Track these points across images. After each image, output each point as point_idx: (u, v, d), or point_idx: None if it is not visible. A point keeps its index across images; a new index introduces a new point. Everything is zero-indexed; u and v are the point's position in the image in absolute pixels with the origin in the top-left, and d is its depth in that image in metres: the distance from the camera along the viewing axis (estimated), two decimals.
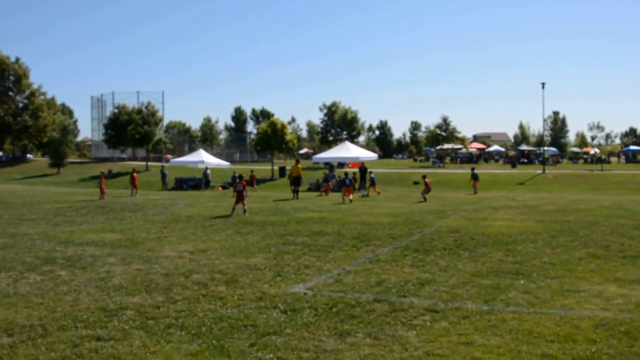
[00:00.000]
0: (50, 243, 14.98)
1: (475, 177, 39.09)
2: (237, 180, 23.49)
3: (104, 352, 6.60)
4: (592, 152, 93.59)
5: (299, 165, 34.26)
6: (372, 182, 36.86)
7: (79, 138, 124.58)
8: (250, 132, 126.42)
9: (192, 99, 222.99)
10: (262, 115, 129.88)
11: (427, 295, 9.22)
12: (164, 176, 52.94)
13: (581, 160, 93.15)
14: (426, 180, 31.69)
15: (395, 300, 8.88)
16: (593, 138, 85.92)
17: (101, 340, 7.00)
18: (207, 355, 6.51)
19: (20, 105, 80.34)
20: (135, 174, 38.97)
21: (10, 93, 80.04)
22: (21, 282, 10.39)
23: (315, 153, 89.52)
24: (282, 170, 59.35)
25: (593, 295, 9.07)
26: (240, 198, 22.57)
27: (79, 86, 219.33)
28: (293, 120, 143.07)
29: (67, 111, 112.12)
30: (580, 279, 10.20)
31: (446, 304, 8.60)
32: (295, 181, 33.51)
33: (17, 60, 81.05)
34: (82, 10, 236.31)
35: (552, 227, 17.26)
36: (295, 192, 33.13)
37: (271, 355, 6.48)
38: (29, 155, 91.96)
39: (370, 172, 38.66)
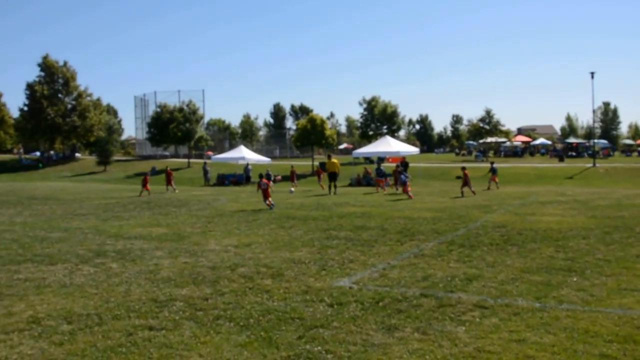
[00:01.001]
0: (100, 237, 15.31)
1: (494, 171, 36.93)
2: (260, 179, 23.86)
3: (156, 341, 6.72)
4: None
5: (334, 160, 33.71)
6: (383, 175, 36.46)
7: (124, 137, 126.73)
8: (290, 128, 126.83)
9: (232, 97, 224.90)
10: (301, 111, 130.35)
11: (475, 290, 9.09)
12: (206, 172, 53.48)
13: (635, 153, 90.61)
14: (465, 172, 29.70)
15: (442, 295, 8.78)
16: None
17: (153, 329, 7.14)
18: (256, 346, 6.55)
19: (69, 106, 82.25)
20: (170, 172, 39.17)
21: (60, 95, 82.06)
22: (76, 273, 10.67)
23: (354, 148, 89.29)
24: (322, 166, 59.35)
25: None
26: (265, 195, 23.14)
27: (123, 87, 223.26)
28: (332, 115, 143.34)
29: (112, 111, 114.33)
30: (639, 277, 9.87)
31: (495, 300, 8.45)
32: (331, 177, 33.09)
33: (65, 63, 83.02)
34: (127, 19, 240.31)
35: (605, 222, 16.78)
36: (334, 186, 32.70)
37: (319, 347, 6.47)
38: (77, 154, 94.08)
39: (379, 166, 38.16)
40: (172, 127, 69.76)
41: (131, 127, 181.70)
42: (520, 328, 7.11)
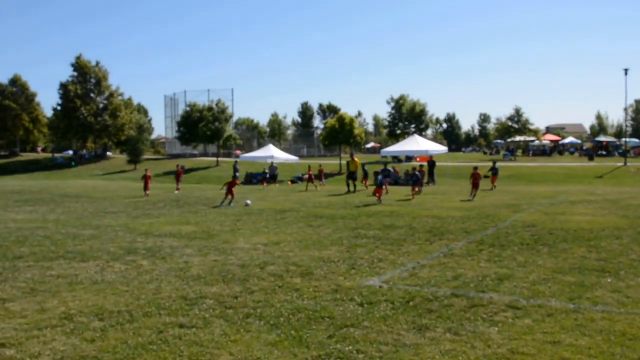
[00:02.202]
0: (131, 235, 15.46)
1: (495, 172, 35.43)
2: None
3: (187, 339, 6.74)
4: None
5: (356, 160, 33.64)
6: (365, 176, 35.78)
7: (154, 136, 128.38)
8: (317, 127, 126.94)
9: (261, 96, 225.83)
10: (329, 110, 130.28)
11: (507, 291, 8.97)
12: (236, 171, 53.74)
13: None
14: (477, 172, 27.64)
15: (474, 295, 8.69)
16: None
17: (184, 327, 7.17)
18: (286, 345, 6.53)
19: (101, 106, 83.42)
20: (181, 170, 38.50)
21: (92, 95, 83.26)
22: (107, 270, 10.78)
23: (382, 147, 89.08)
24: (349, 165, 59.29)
25: None
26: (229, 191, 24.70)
27: (153, 87, 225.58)
28: (360, 114, 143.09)
29: (142, 111, 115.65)
30: None
31: (528, 300, 8.34)
32: (351, 176, 32.90)
33: (97, 64, 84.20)
34: (158, 19, 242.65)
35: (638, 223, 16.46)
36: (353, 185, 32.44)
37: (350, 347, 6.44)
38: (108, 153, 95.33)
39: (364, 165, 37.47)
40: (202, 126, 70.27)
41: (161, 127, 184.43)
42: (554, 330, 6.99)
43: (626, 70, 59.24)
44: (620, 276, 9.89)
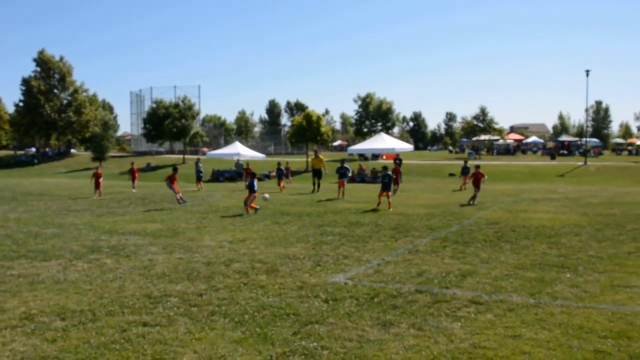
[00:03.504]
0: (95, 233, 15.26)
1: (465, 171, 34.50)
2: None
3: (150, 337, 6.69)
4: (638, 143, 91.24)
5: (321, 157, 32.69)
6: (280, 176, 35.00)
7: (119, 133, 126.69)
8: (285, 125, 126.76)
9: (227, 93, 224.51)
10: (297, 108, 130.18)
11: (469, 286, 9.11)
12: (198, 168, 53.36)
13: (625, 152, 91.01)
14: (478, 170, 24.44)
15: (437, 291, 8.79)
16: (639, 128, 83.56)
17: (147, 325, 7.11)
18: (251, 342, 6.53)
19: (65, 102, 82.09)
20: (135, 168, 37.02)
21: (56, 91, 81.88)
22: (70, 269, 10.61)
23: (349, 145, 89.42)
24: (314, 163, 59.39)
25: None
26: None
27: (119, 83, 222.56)
28: (327, 112, 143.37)
29: (107, 107, 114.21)
30: (631, 274, 9.91)
31: (490, 296, 8.48)
32: (316, 174, 31.99)
33: (61, 58, 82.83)
34: (123, 14, 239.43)
35: (596, 220, 16.90)
36: (317, 185, 31.63)
37: (315, 344, 6.46)
38: (72, 150, 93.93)
39: (278, 164, 37.44)
40: (168, 123, 69.61)
41: (127, 123, 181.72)
42: (515, 324, 7.13)
43: (587, 72, 60.51)
44: (579, 271, 10.13)
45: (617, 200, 23.79)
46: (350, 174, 29.32)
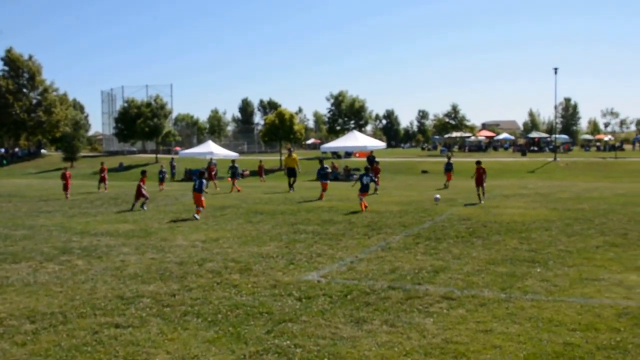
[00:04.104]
0: (66, 234, 15.08)
1: (449, 167, 33.82)
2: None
3: (122, 338, 6.65)
4: (605, 139, 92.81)
5: (294, 156, 32.02)
6: (234, 175, 34.02)
7: (91, 132, 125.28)
8: (258, 124, 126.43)
9: (200, 92, 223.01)
10: (270, 106, 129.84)
11: (442, 282, 9.20)
12: (172, 168, 53.07)
13: (593, 148, 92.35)
14: (480, 167, 23.06)
15: (410, 287, 8.86)
16: (606, 125, 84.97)
17: (119, 327, 7.06)
18: (224, 342, 6.53)
19: (34, 101, 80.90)
20: (105, 168, 35.36)
21: (25, 90, 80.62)
22: (40, 271, 10.49)
23: (322, 143, 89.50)
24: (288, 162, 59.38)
25: (613, 284, 8.98)
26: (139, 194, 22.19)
27: (89, 82, 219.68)
28: (300, 110, 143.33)
29: (78, 106, 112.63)
30: (599, 268, 10.11)
31: (462, 291, 8.57)
32: (290, 173, 31.29)
33: (31, 57, 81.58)
34: (94, 15, 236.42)
35: (566, 215, 17.16)
36: (292, 184, 30.78)
37: (288, 342, 6.48)
38: (43, 150, 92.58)
39: (232, 162, 35.89)
40: (140, 123, 68.98)
41: (98, 123, 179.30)
42: (486, 319, 7.22)
43: (555, 70, 61.36)
44: (549, 266, 10.29)
45: (585, 195, 24.16)
46: (329, 175, 28.16)
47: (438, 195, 22.04)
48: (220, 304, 8.03)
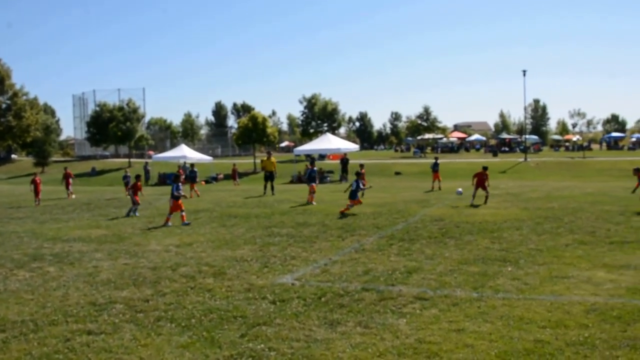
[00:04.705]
0: (37, 240, 14.89)
1: (436, 168, 32.69)
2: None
3: (95, 345, 6.60)
4: (574, 139, 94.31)
5: (273, 159, 31.10)
6: (192, 179, 31.98)
7: (62, 137, 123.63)
8: (231, 127, 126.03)
9: (173, 95, 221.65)
10: (243, 110, 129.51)
11: (415, 283, 9.28)
12: (147, 172, 52.68)
13: (562, 148, 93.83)
14: (485, 172, 22.01)
15: (383, 288, 8.93)
16: (574, 125, 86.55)
17: (92, 334, 7.01)
18: (198, 346, 6.52)
19: (4, 106, 79.49)
20: (69, 172, 34.06)
21: None
22: (11, 279, 10.36)
23: (296, 146, 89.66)
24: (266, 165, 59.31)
25: (582, 281, 9.16)
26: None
27: (60, 85, 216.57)
28: (274, 113, 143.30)
29: (49, 111, 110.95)
30: (568, 265, 10.30)
31: (435, 291, 8.66)
32: (268, 176, 30.22)
33: None
34: (59, 9, 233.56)
35: (536, 214, 17.42)
36: (271, 187, 29.68)
37: (262, 345, 6.50)
38: (13, 156, 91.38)
39: (192, 166, 34.48)
40: (112, 127, 68.42)
41: (70, 127, 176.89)
42: (459, 318, 7.31)
43: (524, 72, 62.49)
44: (520, 264, 10.45)
45: (555, 194, 24.52)
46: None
47: (460, 189, 22.47)
48: (194, 309, 8.02)
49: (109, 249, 13.35)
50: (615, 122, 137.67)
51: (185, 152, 52.58)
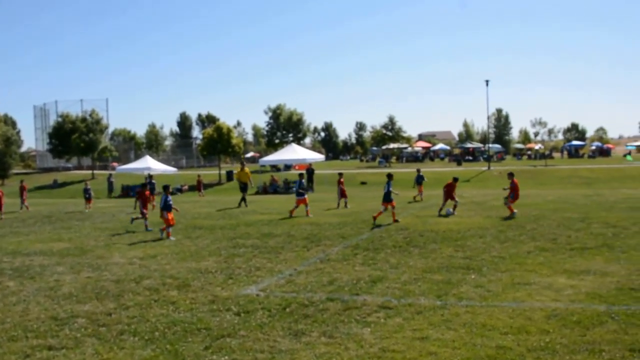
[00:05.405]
0: None
1: (420, 180, 32.63)
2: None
3: None
4: (536, 147, 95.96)
5: (246, 170, 30.34)
6: (151, 191, 29.61)
7: (23, 148, 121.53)
8: (196, 138, 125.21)
9: (137, 106, 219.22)
10: (208, 120, 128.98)
11: (379, 292, 9.33)
12: (110, 184, 51.97)
13: (525, 157, 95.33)
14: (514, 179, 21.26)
15: (348, 298, 8.96)
16: (536, 134, 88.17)
17: (53, 349, 6.89)
18: (161, 359, 6.45)
19: None
20: (25, 185, 33.05)
21: None
22: None
23: (261, 156, 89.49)
24: (229, 175, 59.09)
25: (543, 287, 9.33)
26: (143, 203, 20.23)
27: (21, 96, 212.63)
28: (239, 124, 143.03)
29: (9, 122, 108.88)
30: (530, 272, 10.48)
31: (399, 300, 8.72)
32: (243, 187, 29.64)
33: None
34: (20, 17, 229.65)
35: (499, 222, 17.70)
36: (243, 199, 28.91)
37: (226, 357, 6.48)
38: None
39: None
40: (75, 138, 67.25)
41: (31, 139, 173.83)
42: (423, 326, 7.37)
43: (487, 82, 63.45)
44: (483, 272, 10.59)
45: (518, 202, 24.79)
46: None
47: (450, 209, 20.98)
48: (158, 322, 7.94)
49: (71, 262, 13.14)
50: (575, 131, 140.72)
51: (150, 164, 52.07)
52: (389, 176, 20.34)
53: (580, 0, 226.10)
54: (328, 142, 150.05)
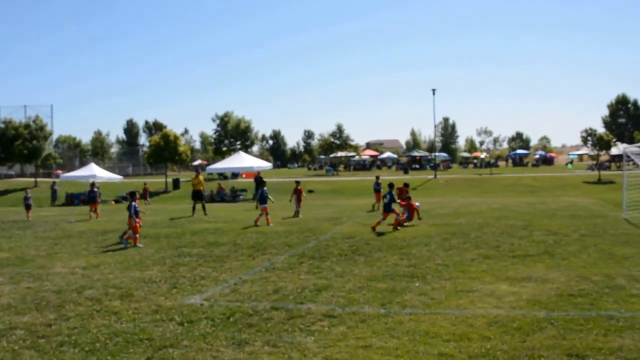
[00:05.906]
0: None
1: (377, 188, 29.83)
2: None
3: None
4: (482, 156, 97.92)
5: (200, 178, 29.42)
6: (92, 200, 29.44)
7: None
8: (143, 145, 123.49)
9: (84, 114, 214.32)
10: (155, 128, 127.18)
11: (324, 301, 9.37)
12: (53, 192, 50.73)
13: (471, 165, 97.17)
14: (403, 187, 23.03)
15: (292, 307, 8.98)
16: (482, 143, 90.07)
17: None
18: None
19: None
20: None
21: None
22: None
23: (209, 164, 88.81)
24: (175, 183, 58.46)
25: (486, 294, 9.53)
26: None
27: None
28: (186, 131, 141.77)
29: None
30: (473, 279, 10.70)
31: (343, 308, 8.78)
32: (196, 195, 28.97)
33: None
34: None
35: (444, 230, 17.99)
36: (202, 207, 28.21)
37: None
38: None
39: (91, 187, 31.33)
40: (18, 145, 65.37)
41: None
42: (366, 334, 7.44)
43: (433, 90, 64.61)
44: (427, 280, 10.74)
45: (463, 210, 25.38)
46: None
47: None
48: (99, 333, 7.80)
49: (11, 272, 12.78)
50: (520, 140, 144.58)
51: (95, 171, 51.07)
52: (391, 185, 20.30)
53: (522, 10, 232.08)
54: (276, 150, 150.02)
